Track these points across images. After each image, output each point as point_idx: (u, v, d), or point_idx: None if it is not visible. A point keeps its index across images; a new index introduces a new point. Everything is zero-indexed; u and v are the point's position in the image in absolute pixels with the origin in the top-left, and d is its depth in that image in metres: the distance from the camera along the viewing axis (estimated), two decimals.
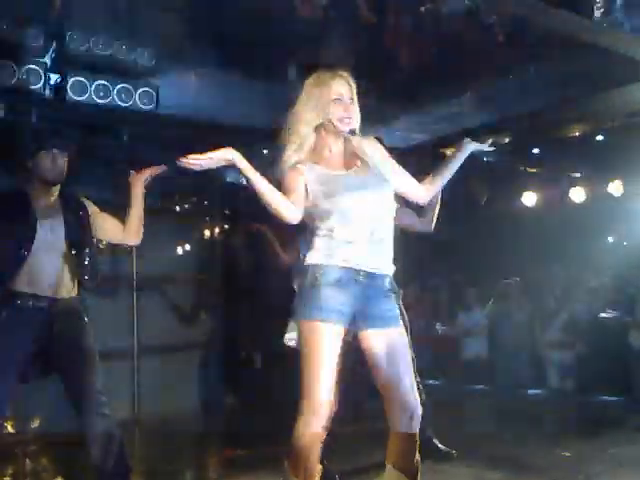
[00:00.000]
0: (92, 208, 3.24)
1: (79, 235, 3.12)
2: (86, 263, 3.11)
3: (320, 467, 2.34)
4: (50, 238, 3.03)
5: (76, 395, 3.02)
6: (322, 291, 2.29)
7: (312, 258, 2.37)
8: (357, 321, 2.36)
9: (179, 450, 5.02)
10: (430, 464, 3.70)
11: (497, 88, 5.23)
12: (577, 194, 7.08)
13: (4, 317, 2.96)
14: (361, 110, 2.48)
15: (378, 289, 2.38)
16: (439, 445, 3.80)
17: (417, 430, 2.36)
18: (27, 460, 4.59)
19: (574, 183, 7.12)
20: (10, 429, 4.87)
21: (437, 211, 3.29)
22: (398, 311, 2.45)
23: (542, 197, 7.35)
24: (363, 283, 2.34)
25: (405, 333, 2.44)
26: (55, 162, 3.07)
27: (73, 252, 3.07)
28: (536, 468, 3.72)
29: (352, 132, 2.44)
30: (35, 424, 5.25)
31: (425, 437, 3.62)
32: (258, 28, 4.14)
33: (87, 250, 3.14)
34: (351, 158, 2.47)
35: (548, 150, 6.49)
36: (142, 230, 3.29)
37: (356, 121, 2.45)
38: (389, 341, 2.36)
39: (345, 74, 2.45)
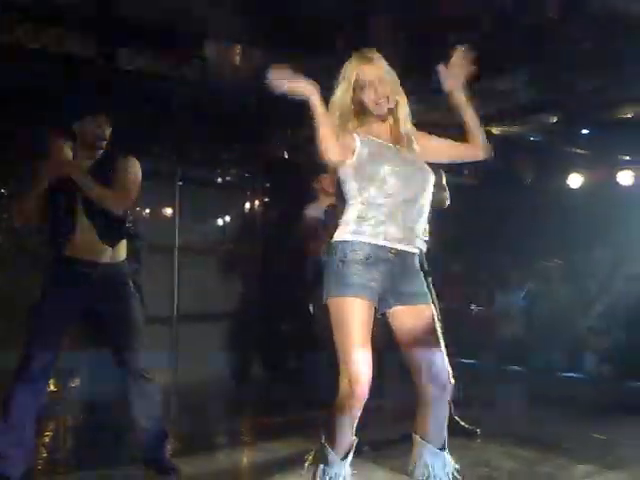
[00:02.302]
0: (122, 166, 3.13)
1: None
2: (115, 226, 3.11)
3: (354, 438, 2.38)
4: (95, 207, 3.01)
5: (120, 358, 3.11)
6: (351, 268, 2.30)
7: (341, 234, 2.38)
8: (387, 299, 2.38)
9: (214, 416, 5.17)
10: (462, 440, 3.75)
11: (548, 66, 5.12)
12: (625, 177, 6.92)
13: (49, 283, 3.06)
14: (404, 84, 2.47)
15: (407, 267, 2.40)
16: (463, 423, 3.85)
17: (447, 401, 2.40)
18: (67, 424, 4.74)
19: (622, 166, 6.96)
20: (53, 388, 5.04)
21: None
22: (427, 289, 2.46)
23: (588, 179, 7.20)
24: (393, 261, 2.35)
25: (434, 310, 2.45)
26: (99, 127, 3.08)
27: (109, 217, 3.05)
28: (566, 448, 3.72)
29: (390, 111, 2.44)
30: (77, 387, 5.46)
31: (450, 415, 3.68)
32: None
33: (125, 221, 3.15)
34: (398, 137, 2.47)
35: (598, 131, 6.34)
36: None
37: (393, 100, 2.43)
38: (419, 317, 2.38)
39: (374, 55, 2.44)
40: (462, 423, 3.85)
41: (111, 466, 3.44)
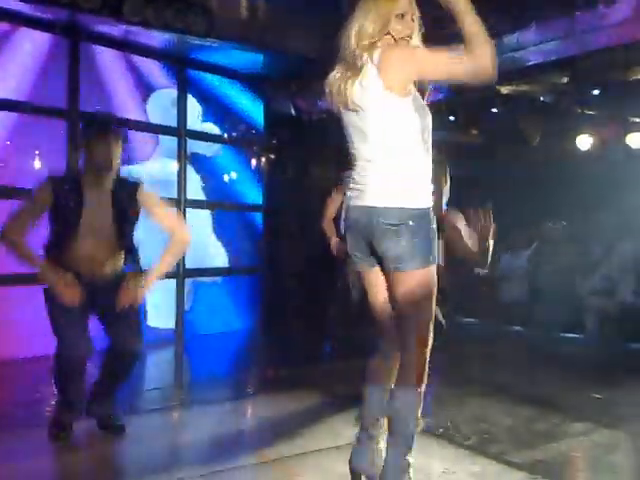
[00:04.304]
0: (148, 201, 3.26)
1: (124, 223, 3.20)
2: (127, 249, 3.24)
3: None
4: (96, 224, 3.12)
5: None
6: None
7: (429, 201, 2.30)
8: None
9: (220, 367, 5.28)
10: (459, 395, 3.82)
11: (560, 25, 5.02)
12: (635, 140, 6.84)
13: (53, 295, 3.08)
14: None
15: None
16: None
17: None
18: None
19: (632, 128, 6.87)
20: None
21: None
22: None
23: (597, 141, 7.13)
24: None
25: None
26: (106, 151, 3.09)
27: (118, 238, 3.17)
28: (565, 407, 3.78)
29: None
30: None
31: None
32: None
33: (130, 238, 3.25)
34: None
35: (608, 92, 6.24)
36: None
37: (415, 40, 2.35)
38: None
39: None
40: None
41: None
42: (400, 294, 2.29)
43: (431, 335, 2.33)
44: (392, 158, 2.26)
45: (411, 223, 2.22)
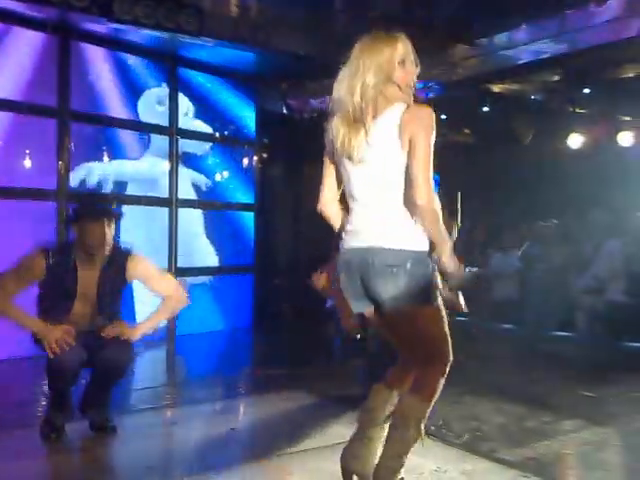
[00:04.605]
0: (140, 271, 3.29)
1: (112, 294, 3.25)
2: (112, 312, 3.26)
3: None
4: (88, 294, 3.18)
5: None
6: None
7: (425, 244, 2.24)
8: None
9: (211, 366, 5.27)
10: (451, 394, 3.82)
11: (551, 24, 5.04)
12: (625, 138, 6.88)
13: None
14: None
15: None
16: None
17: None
18: None
19: (623, 127, 6.91)
20: None
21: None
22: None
23: (588, 140, 7.15)
24: None
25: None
26: (99, 234, 3.12)
27: (104, 305, 3.22)
28: (556, 405, 3.79)
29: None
30: None
31: None
32: None
33: (117, 304, 3.30)
34: None
35: (599, 91, 6.28)
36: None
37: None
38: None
39: (403, 35, 2.29)
40: None
41: None
42: (400, 334, 2.32)
43: (448, 355, 2.30)
44: (392, 203, 2.23)
45: (409, 265, 2.17)
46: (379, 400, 2.42)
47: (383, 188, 2.24)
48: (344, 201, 2.37)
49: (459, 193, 3.59)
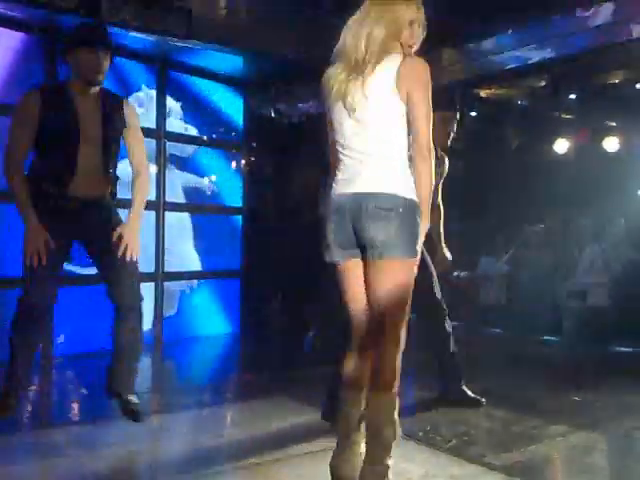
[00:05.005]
0: (132, 115, 3.19)
1: (113, 133, 3.11)
2: (114, 167, 3.16)
3: None
4: (89, 132, 3.02)
5: (110, 292, 3.13)
6: None
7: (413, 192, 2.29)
8: None
9: (199, 372, 5.24)
10: (439, 398, 3.82)
11: (537, 29, 5.07)
12: (611, 143, 6.94)
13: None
14: None
15: None
16: (469, 393, 3.80)
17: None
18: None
19: (608, 132, 6.96)
20: None
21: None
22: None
23: (574, 145, 7.21)
24: None
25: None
26: (95, 61, 3.00)
27: (106, 152, 3.07)
28: (543, 409, 3.81)
29: None
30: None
31: (457, 387, 3.72)
32: None
33: (116, 153, 3.17)
34: None
35: (585, 97, 6.33)
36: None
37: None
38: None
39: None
40: (469, 393, 3.80)
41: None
42: (380, 284, 2.28)
43: (404, 336, 2.33)
44: (386, 154, 2.27)
45: (401, 210, 2.23)
46: (350, 403, 2.40)
47: (378, 138, 2.27)
48: (334, 153, 2.38)
49: (440, 185, 3.67)
